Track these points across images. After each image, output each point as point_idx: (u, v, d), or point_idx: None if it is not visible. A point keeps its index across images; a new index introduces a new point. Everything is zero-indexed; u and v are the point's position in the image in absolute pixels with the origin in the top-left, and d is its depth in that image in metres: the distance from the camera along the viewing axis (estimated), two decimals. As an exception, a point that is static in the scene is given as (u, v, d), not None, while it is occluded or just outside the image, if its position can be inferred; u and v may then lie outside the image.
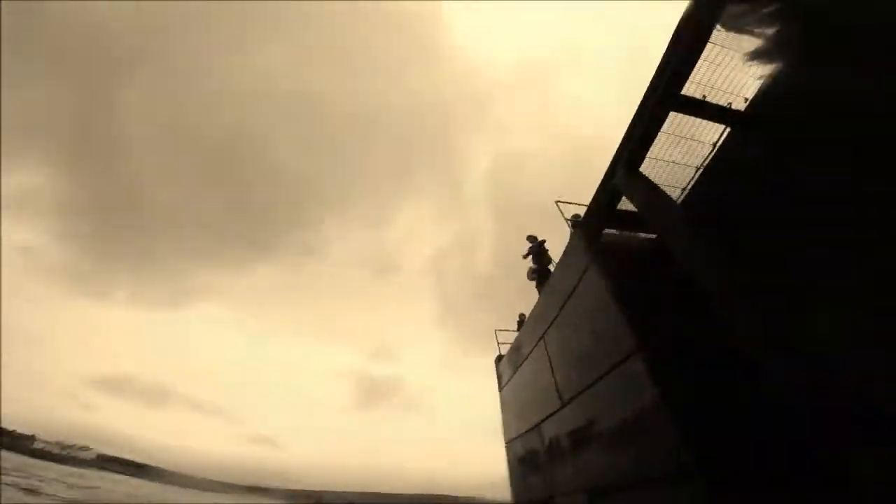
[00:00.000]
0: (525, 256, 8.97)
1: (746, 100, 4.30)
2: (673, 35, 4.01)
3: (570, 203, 6.66)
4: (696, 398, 3.29)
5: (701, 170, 4.90)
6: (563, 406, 5.54)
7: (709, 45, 3.92)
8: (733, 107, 4.30)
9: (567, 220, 6.23)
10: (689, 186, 5.03)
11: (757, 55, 3.87)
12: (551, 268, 8.64)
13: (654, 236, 5.06)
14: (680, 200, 5.05)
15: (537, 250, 8.92)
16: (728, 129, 4.56)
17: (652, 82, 4.31)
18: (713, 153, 4.77)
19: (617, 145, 4.83)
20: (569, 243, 5.82)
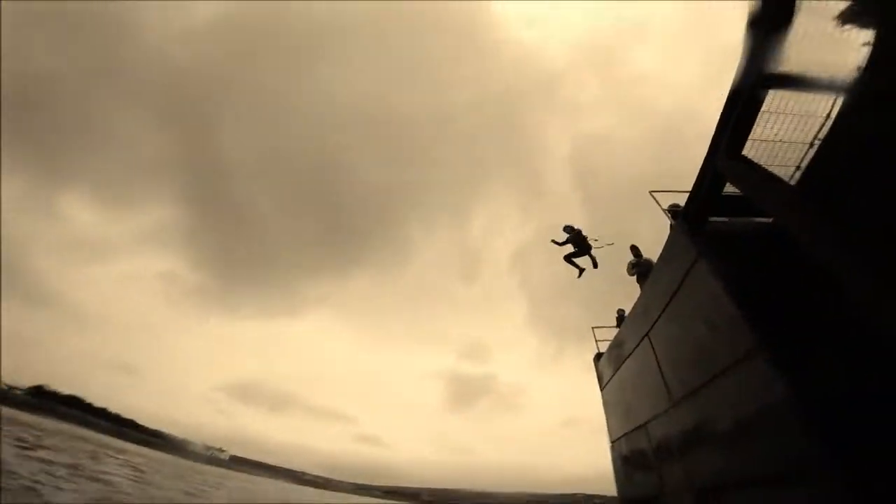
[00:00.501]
0: (562, 244, 9.08)
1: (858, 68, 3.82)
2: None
3: (664, 192, 6.37)
4: (827, 391, 3.07)
5: (815, 145, 4.47)
6: (673, 405, 5.38)
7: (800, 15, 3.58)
8: (841, 75, 3.86)
9: (665, 210, 5.93)
10: (804, 164, 4.60)
11: (850, 17, 3.42)
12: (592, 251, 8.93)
13: (768, 220, 4.71)
14: (796, 180, 4.63)
15: (575, 238, 9.00)
16: (840, 100, 4.10)
17: (743, 63, 3.95)
18: (826, 126, 4.32)
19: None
20: (670, 235, 5.58)
